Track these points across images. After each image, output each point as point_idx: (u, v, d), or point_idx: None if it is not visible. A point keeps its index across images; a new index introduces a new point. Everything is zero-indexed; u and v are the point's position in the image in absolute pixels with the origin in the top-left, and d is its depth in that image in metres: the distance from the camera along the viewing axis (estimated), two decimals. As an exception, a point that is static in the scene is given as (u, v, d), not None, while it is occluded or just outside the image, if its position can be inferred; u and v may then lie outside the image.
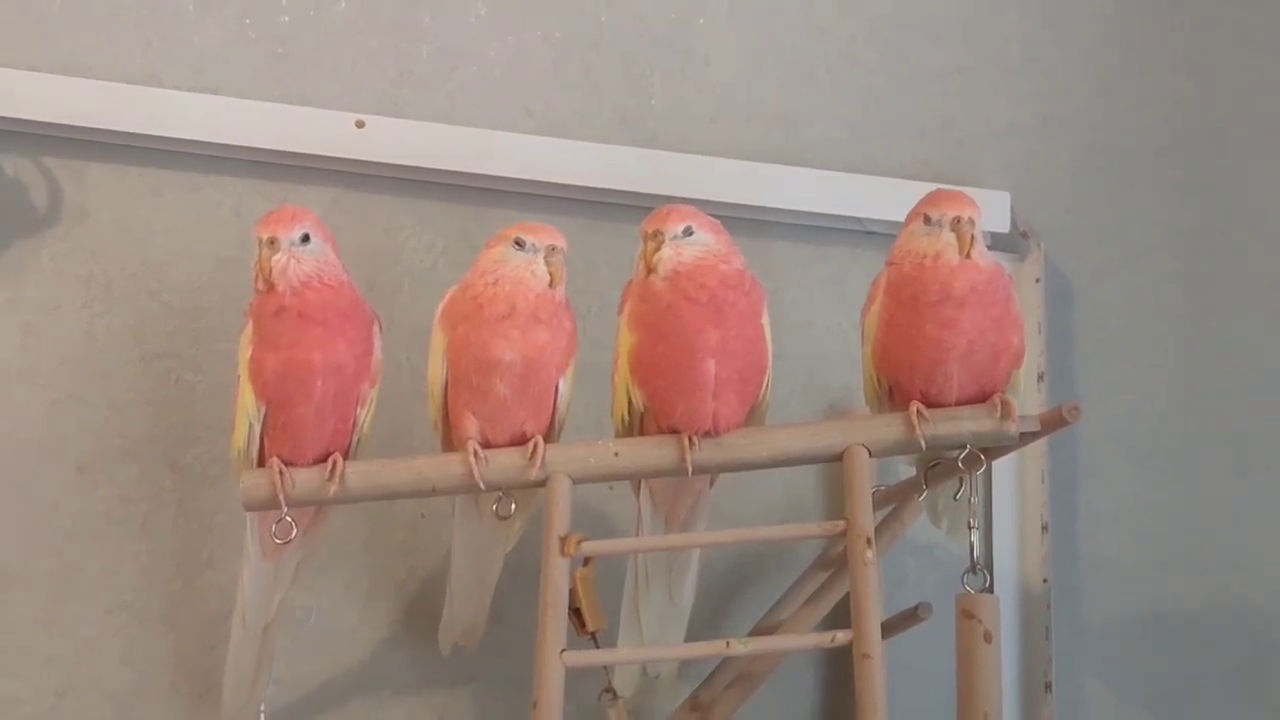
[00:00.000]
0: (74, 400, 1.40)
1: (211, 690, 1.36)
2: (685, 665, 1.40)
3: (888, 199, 1.56)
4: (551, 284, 1.24)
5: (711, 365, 1.21)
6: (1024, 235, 1.61)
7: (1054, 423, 1.21)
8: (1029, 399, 1.55)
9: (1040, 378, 1.57)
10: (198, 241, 1.46)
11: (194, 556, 1.40)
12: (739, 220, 1.55)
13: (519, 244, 1.24)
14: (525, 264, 1.24)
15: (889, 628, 1.36)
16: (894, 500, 1.38)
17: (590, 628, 1.19)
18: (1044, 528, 1.53)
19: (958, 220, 1.20)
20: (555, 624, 1.15)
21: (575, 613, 1.18)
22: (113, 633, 1.37)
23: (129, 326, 1.43)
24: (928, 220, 1.23)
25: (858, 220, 1.59)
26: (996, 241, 1.60)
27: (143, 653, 1.37)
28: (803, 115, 1.61)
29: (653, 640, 1.31)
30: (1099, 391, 1.61)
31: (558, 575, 1.17)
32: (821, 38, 1.62)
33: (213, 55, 1.49)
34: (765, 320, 1.25)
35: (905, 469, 1.43)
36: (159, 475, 1.40)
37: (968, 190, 1.54)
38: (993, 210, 1.58)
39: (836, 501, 1.48)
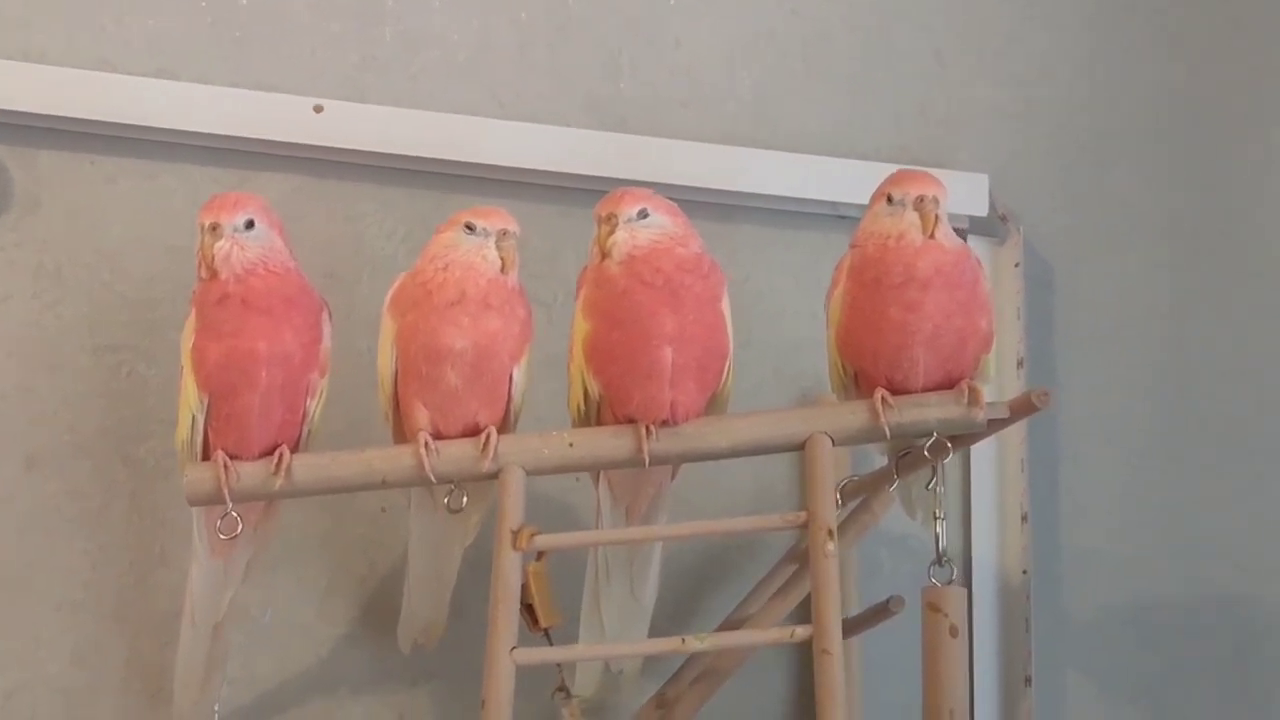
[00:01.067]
0: (23, 393, 1.37)
1: (165, 689, 1.33)
2: (651, 661, 1.37)
3: (864, 183, 1.48)
4: (503, 269, 1.20)
5: (668, 352, 1.18)
6: (1003, 219, 1.57)
7: (1023, 409, 1.18)
8: (1008, 386, 1.52)
9: (1019, 364, 1.54)
10: (152, 231, 1.42)
11: (147, 552, 1.37)
12: (710, 205, 1.53)
13: (469, 228, 1.21)
14: (476, 249, 1.20)
15: (860, 622, 1.34)
16: (866, 491, 1.34)
17: (543, 624, 1.15)
18: (1024, 517, 1.50)
19: (921, 199, 1.17)
20: (506, 620, 1.12)
21: (528, 609, 1.15)
22: (63, 630, 1.34)
23: (81, 317, 1.39)
24: (890, 200, 1.19)
25: (832, 205, 1.55)
26: (975, 225, 1.57)
27: (94, 651, 1.34)
28: (777, 99, 1.57)
29: (614, 637, 1.28)
30: (1081, 379, 1.58)
31: (509, 570, 1.14)
32: (797, 19, 1.59)
33: (168, 39, 1.45)
34: (725, 305, 1.21)
35: (880, 458, 1.39)
36: (111, 469, 1.37)
37: (943, 174, 1.53)
38: (970, 193, 1.55)
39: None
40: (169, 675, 1.30)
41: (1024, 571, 1.48)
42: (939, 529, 1.20)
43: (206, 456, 1.21)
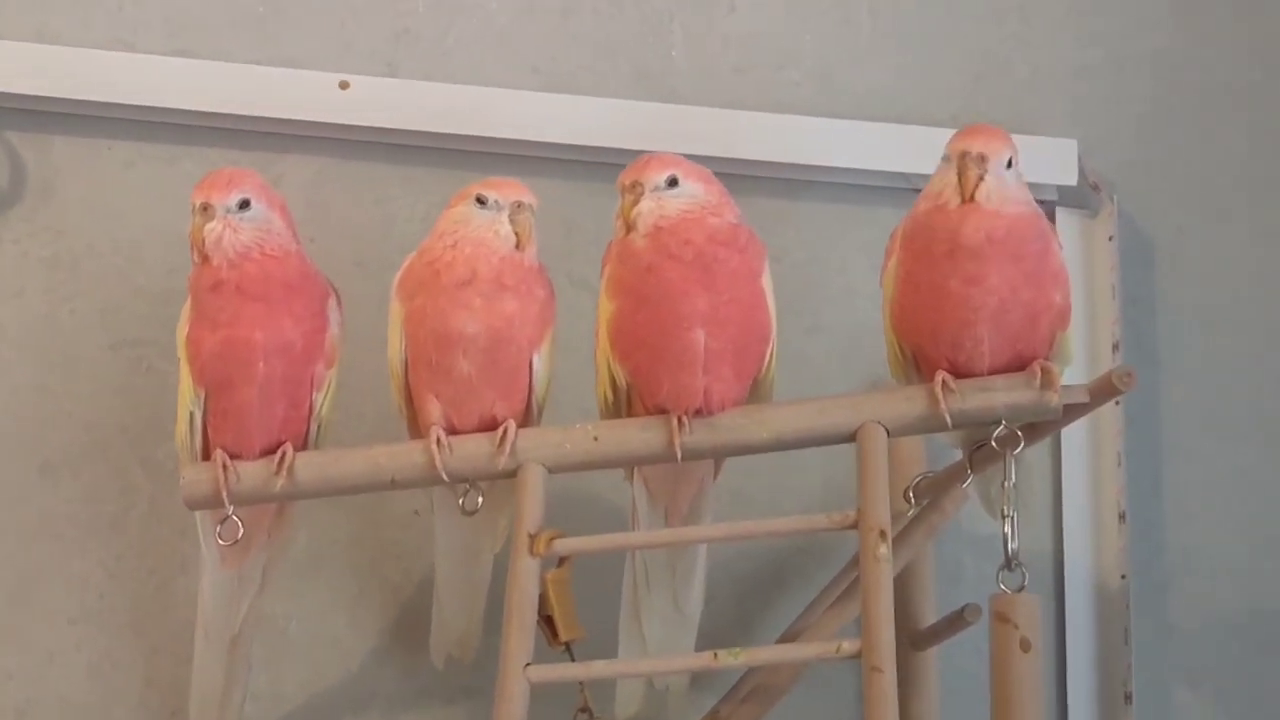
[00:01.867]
0: (37, 392, 1.30)
1: (184, 706, 1.24)
2: (703, 677, 1.25)
3: (938, 152, 1.37)
4: (519, 245, 1.10)
5: (700, 334, 1.06)
6: (1095, 188, 1.44)
7: (1104, 392, 1.05)
8: (1103, 371, 1.37)
9: (1115, 347, 1.41)
10: (171, 218, 1.33)
11: (166, 560, 1.29)
12: (772, 180, 1.43)
13: (480, 201, 1.11)
14: (488, 223, 1.10)
15: (934, 633, 1.22)
16: (940, 488, 1.21)
17: (563, 638, 1.05)
18: (1121, 517, 1.38)
19: (963, 155, 1.04)
20: (521, 633, 1.01)
21: (547, 620, 1.04)
22: (78, 644, 1.27)
23: (97, 311, 1.32)
24: (946, 158, 1.06)
25: (904, 177, 1.42)
26: (1064, 196, 1.45)
27: (110, 666, 1.27)
28: (841, 62, 1.45)
29: (657, 649, 1.17)
30: (1184, 362, 1.45)
31: (526, 577, 1.03)
32: (862, -25, 1.47)
33: (188, 16, 1.38)
34: (766, 281, 1.10)
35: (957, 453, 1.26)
36: (129, 472, 1.30)
37: (1028, 140, 1.40)
38: (1058, 161, 1.43)
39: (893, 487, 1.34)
40: (189, 692, 1.22)
41: (1122, 576, 1.36)
42: (1007, 528, 1.07)
43: (208, 457, 1.11)
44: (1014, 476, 1.08)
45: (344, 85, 1.36)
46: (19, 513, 1.29)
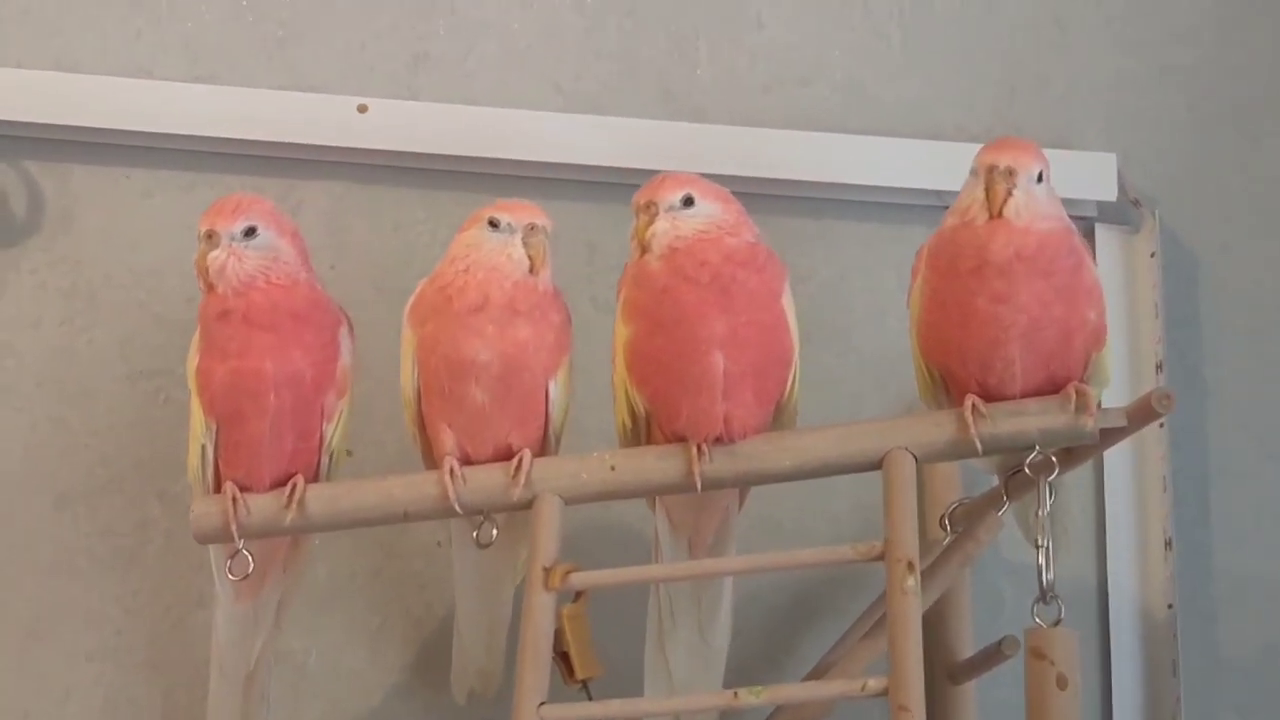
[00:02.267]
0: (53, 424, 1.29)
1: (203, 743, 1.21)
2: (727, 715, 1.21)
3: (972, 169, 1.34)
4: (532, 270, 1.07)
5: (719, 358, 1.03)
6: (1135, 203, 1.39)
7: (1143, 415, 1.00)
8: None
9: (1158, 368, 1.36)
10: (189, 247, 1.29)
11: (183, 595, 1.27)
12: (801, 200, 1.40)
13: (493, 224, 1.08)
14: (500, 247, 1.07)
15: (971, 666, 1.17)
16: (976, 516, 1.17)
17: (580, 675, 1.01)
18: (1168, 544, 1.33)
19: (991, 169, 1.00)
20: (535, 670, 0.98)
21: (562, 657, 1.01)
22: (94, 680, 1.25)
23: (114, 342, 1.31)
24: (974, 172, 1.02)
25: (937, 194, 1.38)
26: (1103, 212, 1.40)
27: (127, 703, 1.25)
28: (871, 77, 1.42)
29: (683, 684, 1.13)
30: (1232, 383, 1.40)
31: (540, 613, 1.00)
32: (892, -12, 1.43)
33: (207, 42, 1.37)
34: (787, 302, 1.06)
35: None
36: (145, 505, 1.28)
37: (1066, 154, 1.36)
38: (1097, 175, 1.39)
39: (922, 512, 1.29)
40: (207, 728, 1.20)
41: (1169, 606, 1.32)
42: (1042, 559, 1.02)
43: (217, 489, 1.09)
44: (1049, 504, 1.03)
45: (362, 109, 1.34)
46: (35, 547, 1.27)
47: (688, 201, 1.04)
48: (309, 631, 1.26)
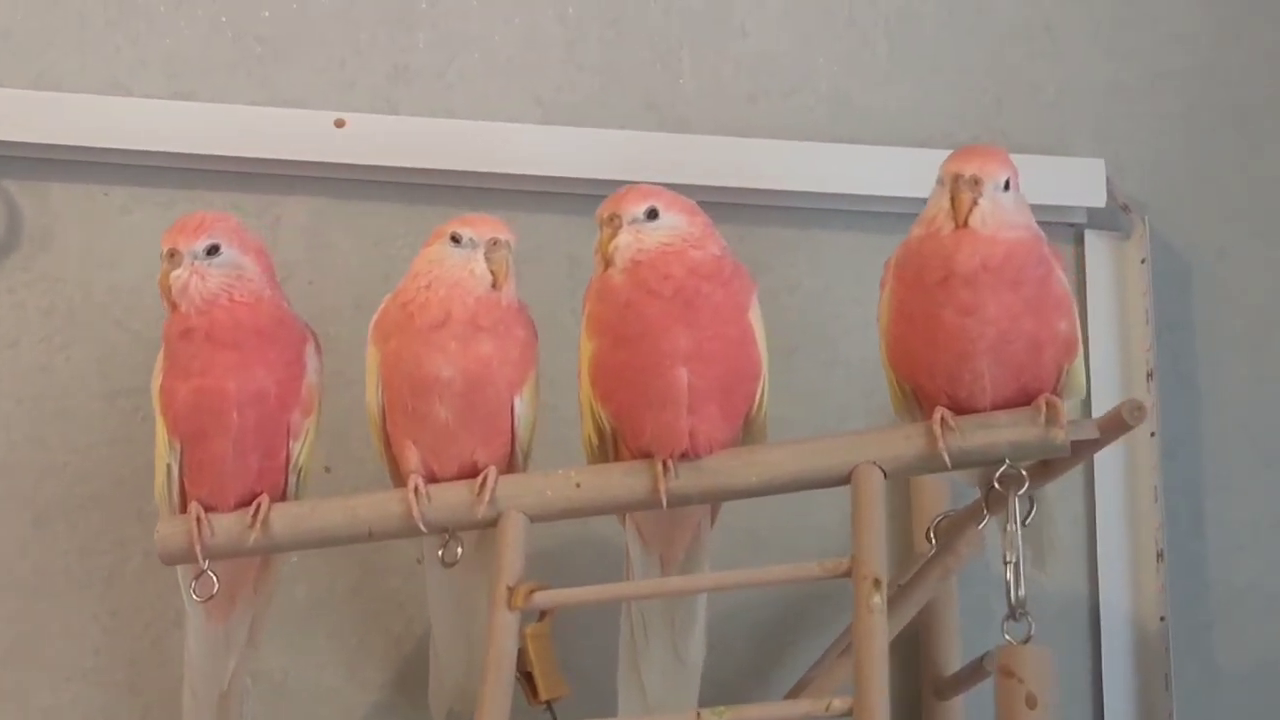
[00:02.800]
0: (32, 443, 1.28)
1: (179, 765, 1.20)
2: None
3: (961, 177, 1.32)
4: (495, 285, 1.05)
5: (683, 373, 1.01)
6: (1125, 209, 1.37)
7: (1114, 427, 0.98)
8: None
9: (1149, 376, 1.34)
10: (160, 270, 1.31)
11: (162, 614, 1.26)
12: (787, 210, 1.39)
13: (455, 239, 1.07)
14: (463, 263, 1.06)
15: (955, 683, 1.15)
16: (959, 530, 1.15)
17: (544, 696, 1.00)
18: (1159, 555, 1.31)
19: (956, 179, 0.98)
20: (498, 691, 0.96)
21: (526, 677, 0.99)
22: (72, 702, 1.24)
23: (93, 360, 1.30)
24: (940, 180, 1.00)
25: (924, 204, 1.35)
26: (1093, 218, 1.39)
27: (106, 723, 1.24)
28: (857, 86, 1.40)
29: (658, 703, 1.11)
30: (1225, 391, 1.37)
31: (503, 632, 0.98)
32: (879, -4, 1.41)
33: (186, 58, 1.36)
34: (754, 315, 1.05)
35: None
36: (124, 524, 1.27)
37: (1055, 161, 1.34)
38: (1085, 181, 1.37)
39: (904, 522, 1.28)
40: (182, 751, 1.19)
41: (1161, 619, 1.29)
42: (1010, 575, 1.00)
43: (184, 510, 1.08)
44: (1019, 518, 1.01)
45: (339, 123, 1.33)
46: (13, 567, 1.26)
47: (651, 214, 1.03)
48: (287, 650, 1.25)
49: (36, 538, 1.26)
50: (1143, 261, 1.35)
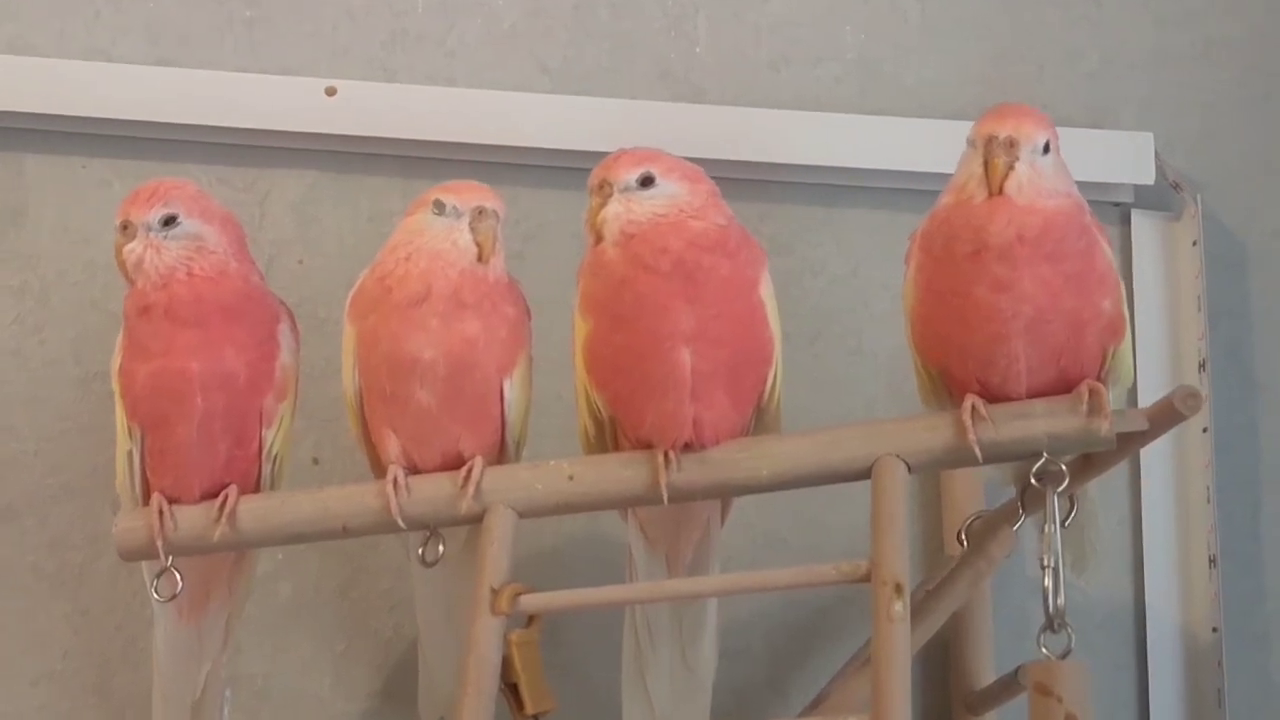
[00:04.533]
0: (1, 430, 1.22)
1: (155, 775, 1.13)
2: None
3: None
4: (480, 258, 0.97)
5: (685, 355, 0.93)
6: (1176, 187, 1.30)
7: (1165, 418, 0.90)
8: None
9: (1202, 366, 1.28)
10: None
11: (136, 614, 1.20)
12: (810, 186, 1.32)
13: (438, 207, 0.98)
14: (445, 233, 0.98)
15: (987, 697, 1.06)
16: (993, 530, 1.06)
17: (530, 710, 0.92)
18: (1212, 561, 1.24)
19: (990, 140, 0.89)
20: (479, 704, 0.88)
21: (511, 689, 0.91)
22: (39, 707, 1.18)
23: (67, 342, 1.24)
24: (971, 142, 0.92)
25: (959, 180, 1.27)
26: (1141, 196, 1.32)
27: (74, 730, 1.18)
28: (887, 55, 1.34)
29: (666, 714, 1.04)
30: (1285, 381, 1.30)
31: (486, 639, 0.90)
32: (911, -43, 1.35)
33: (170, 23, 1.30)
34: (766, 291, 0.96)
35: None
36: (99, 517, 1.20)
37: (1100, 135, 1.26)
38: (1133, 157, 1.31)
39: (934, 523, 1.19)
40: (153, 762, 1.12)
41: (1214, 629, 1.23)
42: (1049, 581, 0.91)
43: (146, 501, 1.01)
44: (1061, 519, 0.92)
45: (330, 91, 1.27)
46: (-22, 562, 1.20)
47: (646, 180, 0.95)
48: (269, 654, 1.19)
49: (4, 531, 1.20)
50: (1194, 244, 1.29)
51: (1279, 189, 1.32)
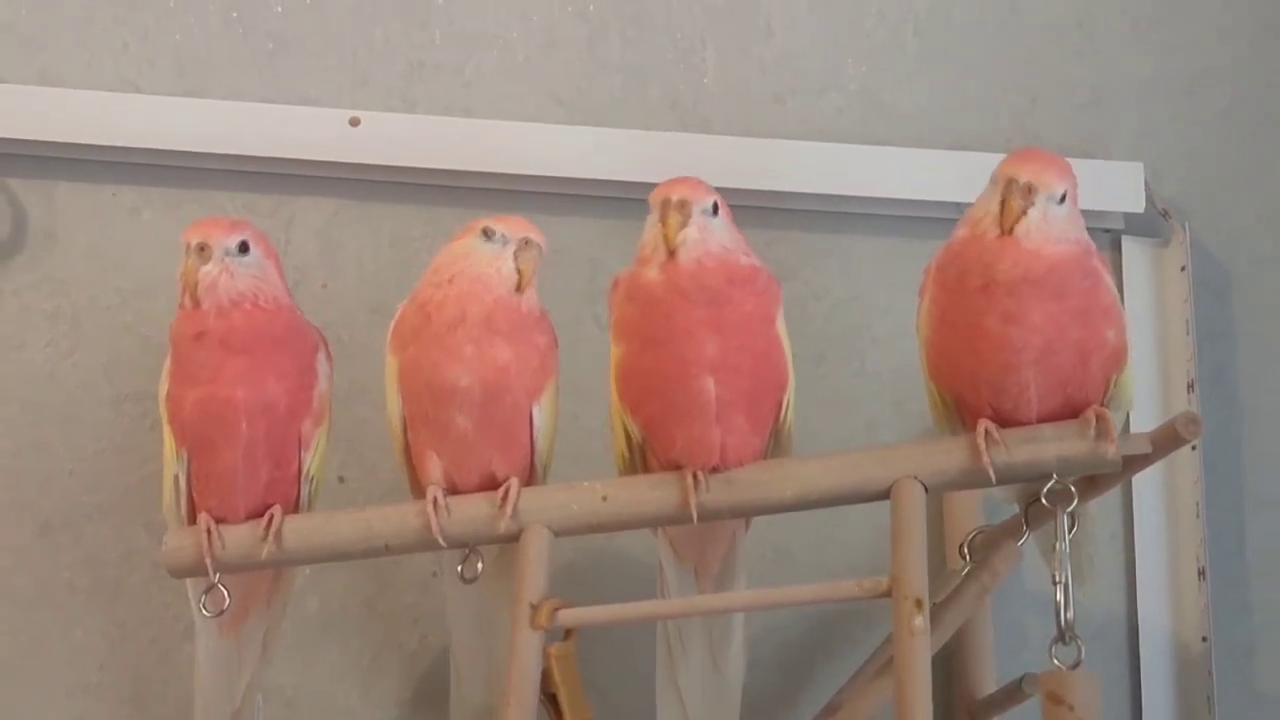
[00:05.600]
0: (36, 451, 1.24)
1: (187, 785, 1.16)
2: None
3: (994, 180, 1.28)
4: (519, 286, 1.01)
5: (710, 382, 0.97)
6: (1165, 215, 1.33)
7: (1168, 441, 0.94)
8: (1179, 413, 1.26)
9: (1190, 387, 1.30)
10: (178, 266, 1.27)
11: (170, 628, 1.22)
12: (814, 214, 1.35)
13: (487, 234, 1.02)
14: (491, 259, 1.02)
15: (989, 706, 1.11)
16: (996, 546, 1.11)
17: (569, 719, 0.95)
18: (1201, 573, 1.27)
19: (1010, 183, 0.94)
20: (520, 714, 0.92)
21: (551, 700, 0.95)
22: (76, 718, 1.20)
23: (100, 365, 1.27)
24: (994, 180, 0.96)
25: (957, 207, 1.30)
26: (1131, 224, 1.34)
27: (110, 741, 1.20)
28: (887, 86, 1.37)
29: (700, 718, 1.07)
30: (1268, 402, 1.33)
31: (526, 652, 0.94)
32: (909, -7, 1.38)
33: (196, 55, 1.32)
34: (781, 327, 1.01)
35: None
36: (131, 534, 1.23)
37: (1091, 164, 1.30)
38: (1124, 186, 1.33)
39: (935, 538, 1.23)
40: (191, 770, 1.15)
41: (1204, 639, 1.25)
42: (1060, 595, 0.96)
43: (192, 521, 1.04)
44: (1068, 536, 0.97)
45: (354, 122, 1.30)
46: (16, 578, 1.22)
47: (715, 210, 0.99)
48: (299, 666, 1.22)
49: (40, 547, 1.23)
50: (1183, 269, 1.31)
51: (1263, 217, 1.35)
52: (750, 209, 1.27)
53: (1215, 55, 1.38)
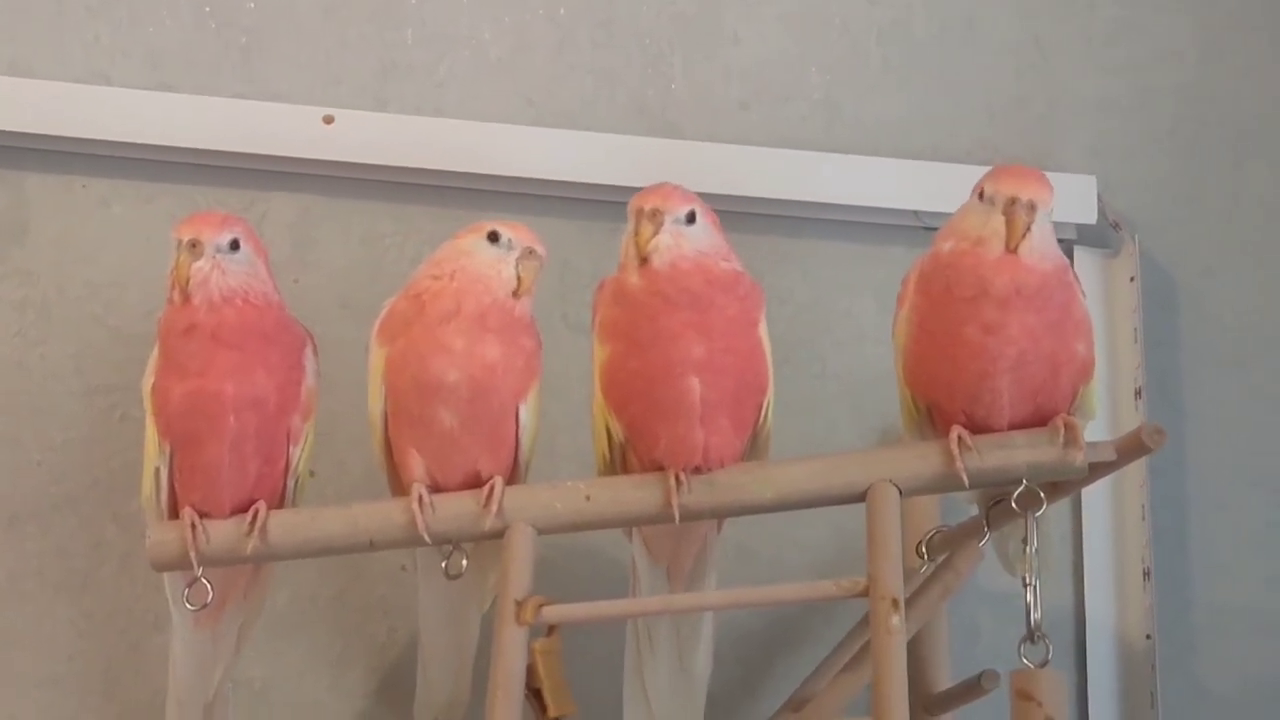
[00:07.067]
0: (4, 442, 1.25)
1: (157, 776, 1.17)
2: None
3: (952, 189, 1.30)
4: (517, 292, 1.03)
5: (695, 383, 0.99)
6: (1115, 227, 1.38)
7: (1132, 450, 0.98)
8: (1125, 421, 1.33)
9: (1137, 394, 1.34)
10: (149, 259, 1.28)
11: (139, 620, 1.23)
12: (777, 219, 1.37)
13: (493, 237, 1.04)
14: (493, 261, 1.04)
15: (948, 699, 1.14)
16: (954, 545, 1.14)
17: (553, 713, 0.98)
18: (1146, 574, 1.30)
19: (1013, 202, 0.97)
20: (506, 709, 0.94)
21: (535, 694, 0.97)
22: (44, 709, 1.21)
23: (69, 356, 1.27)
24: (982, 196, 0.99)
25: (916, 215, 1.36)
26: (1083, 235, 1.38)
27: (78, 733, 1.20)
28: (850, 95, 1.40)
29: (663, 715, 1.10)
30: (1212, 410, 1.38)
31: (511, 648, 0.96)
32: (872, 6, 1.41)
33: (168, 49, 1.33)
34: (763, 331, 1.03)
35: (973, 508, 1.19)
36: (100, 527, 1.24)
37: (1049, 176, 1.33)
38: (1077, 198, 1.36)
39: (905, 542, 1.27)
40: (161, 761, 1.15)
41: (1147, 636, 1.29)
42: (1030, 597, 1.00)
43: (175, 514, 1.05)
44: (1036, 540, 1.00)
45: (328, 120, 1.31)
46: (-16, 569, 1.22)
47: (691, 218, 1.01)
48: (268, 658, 1.23)
49: (8, 539, 1.23)
50: (1132, 279, 1.35)
51: (1210, 229, 1.39)
52: (715, 213, 1.30)
53: (1166, 75, 1.42)
